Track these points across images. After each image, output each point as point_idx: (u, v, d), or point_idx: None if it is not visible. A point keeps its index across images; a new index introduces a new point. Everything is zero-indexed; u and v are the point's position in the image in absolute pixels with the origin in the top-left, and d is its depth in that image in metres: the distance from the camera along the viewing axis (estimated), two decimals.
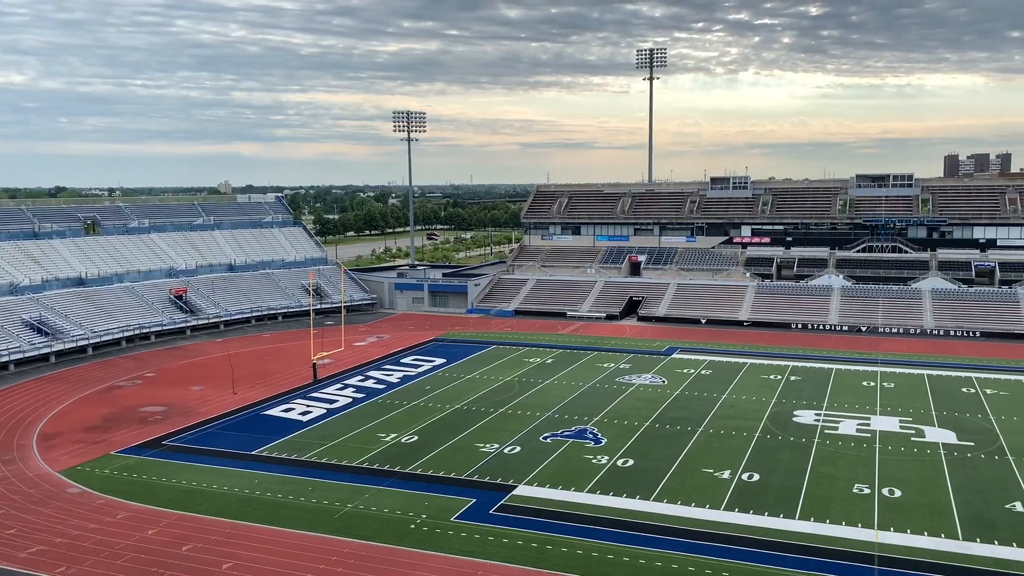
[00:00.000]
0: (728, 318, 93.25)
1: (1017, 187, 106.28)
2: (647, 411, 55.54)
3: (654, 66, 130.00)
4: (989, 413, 54.44)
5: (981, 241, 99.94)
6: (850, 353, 75.52)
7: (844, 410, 55.61)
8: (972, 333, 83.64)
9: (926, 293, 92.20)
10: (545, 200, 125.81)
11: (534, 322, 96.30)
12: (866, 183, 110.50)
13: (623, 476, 42.61)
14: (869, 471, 43.11)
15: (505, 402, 58.40)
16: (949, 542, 34.27)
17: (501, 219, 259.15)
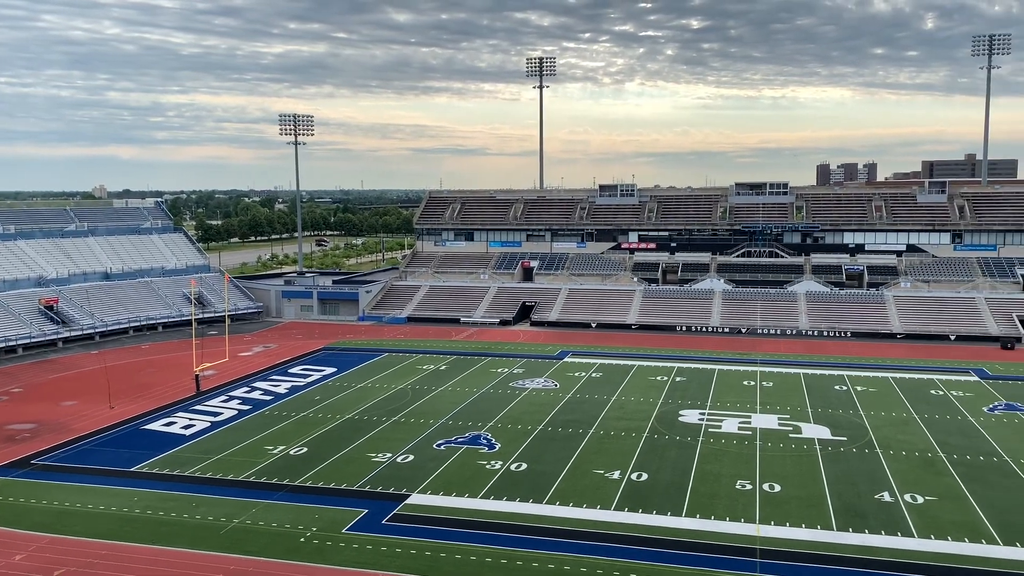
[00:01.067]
0: (617, 321, 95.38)
1: (882, 195, 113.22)
2: (540, 415, 56.11)
3: (544, 75, 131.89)
4: (859, 409, 57.65)
5: (851, 246, 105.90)
6: (731, 354, 78.53)
7: (727, 409, 57.74)
8: (843, 333, 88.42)
9: (801, 296, 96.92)
10: (438, 206, 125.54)
11: (427, 329, 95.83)
12: (745, 191, 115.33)
13: (517, 480, 42.88)
14: (751, 467, 44.88)
15: (398, 410, 57.82)
16: (825, 533, 36.05)
17: (393, 225, 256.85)
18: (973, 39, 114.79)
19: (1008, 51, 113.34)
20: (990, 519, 37.28)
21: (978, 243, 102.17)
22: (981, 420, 54.50)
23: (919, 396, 61.26)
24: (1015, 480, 42.70)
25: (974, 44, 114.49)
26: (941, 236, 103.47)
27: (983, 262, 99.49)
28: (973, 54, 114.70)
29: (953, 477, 43.17)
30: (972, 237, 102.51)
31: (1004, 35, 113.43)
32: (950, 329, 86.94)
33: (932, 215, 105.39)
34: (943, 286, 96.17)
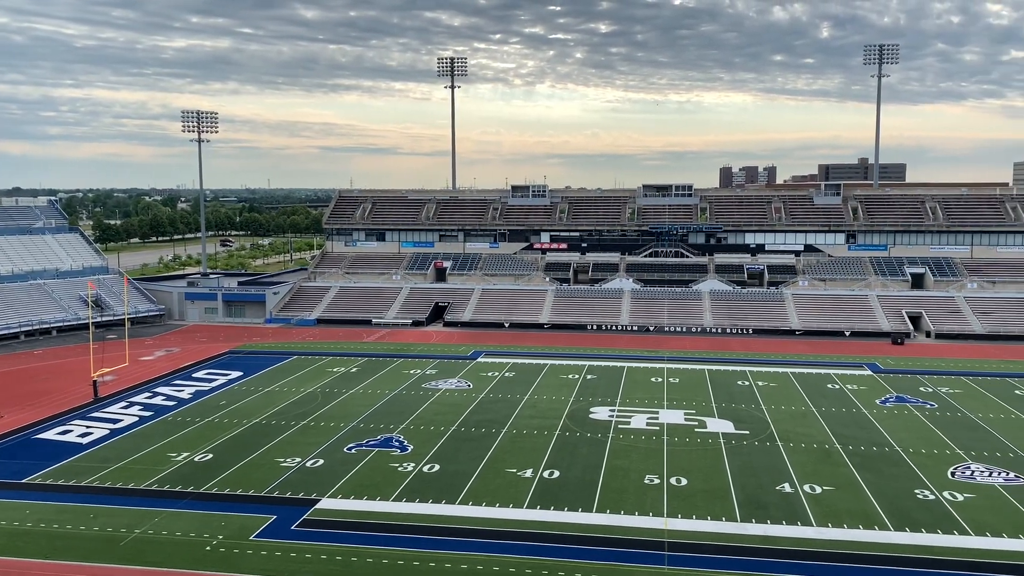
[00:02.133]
0: (530, 321, 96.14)
1: (781, 197, 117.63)
2: (453, 415, 56.07)
3: (455, 75, 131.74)
4: (761, 403, 59.75)
5: (752, 246, 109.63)
6: (640, 351, 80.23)
7: (635, 405, 58.96)
8: (745, 330, 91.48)
9: (705, 294, 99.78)
10: (348, 205, 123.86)
11: (338, 331, 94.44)
12: (652, 193, 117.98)
13: (429, 482, 42.75)
14: (658, 462, 45.97)
15: (307, 414, 56.80)
16: (729, 524, 37.24)
17: (302, 225, 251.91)
18: (865, 48, 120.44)
19: (896, 61, 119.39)
20: (882, 506, 39.22)
21: (870, 243, 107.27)
22: (874, 412, 57.27)
23: (816, 390, 63.93)
24: (904, 468, 45.03)
25: (866, 53, 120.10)
26: (836, 236, 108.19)
27: (875, 261, 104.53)
28: (865, 63, 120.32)
29: (848, 467, 45.21)
30: (865, 237, 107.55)
31: (893, 45, 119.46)
32: (845, 325, 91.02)
33: (828, 216, 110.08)
34: (838, 284, 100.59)
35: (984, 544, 34.86)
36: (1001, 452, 47.92)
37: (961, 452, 47.92)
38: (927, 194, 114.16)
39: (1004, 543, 34.98)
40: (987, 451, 48.10)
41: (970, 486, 42.11)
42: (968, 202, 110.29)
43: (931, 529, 36.43)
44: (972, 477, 43.53)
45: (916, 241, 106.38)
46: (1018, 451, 48.03)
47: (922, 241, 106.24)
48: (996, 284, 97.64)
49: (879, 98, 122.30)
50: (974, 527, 36.61)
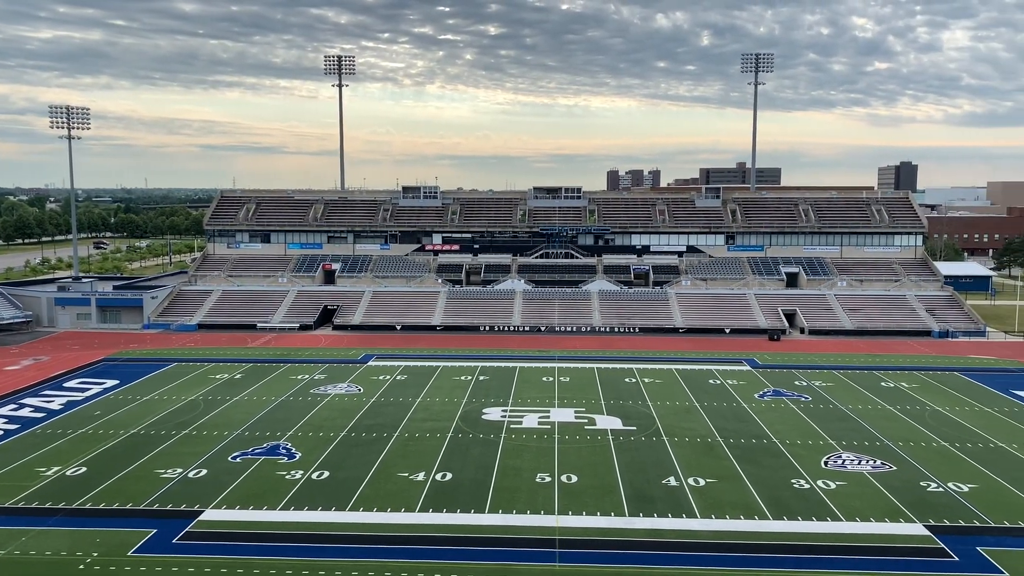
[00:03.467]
0: (422, 323, 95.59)
1: (665, 200, 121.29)
2: (343, 421, 55.10)
3: (343, 73, 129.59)
4: (647, 400, 61.37)
5: (638, 247, 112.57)
6: (532, 352, 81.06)
7: (527, 405, 59.49)
8: (632, 329, 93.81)
9: (594, 295, 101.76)
10: (231, 206, 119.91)
11: (221, 336, 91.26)
12: (542, 195, 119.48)
13: (318, 489, 41.84)
14: (550, 460, 46.52)
15: (189, 423, 54.62)
16: (618, 519, 38.05)
17: (181, 226, 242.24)
18: (742, 57, 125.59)
19: (771, 69, 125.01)
20: (761, 496, 40.94)
21: (748, 244, 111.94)
22: (752, 406, 59.75)
23: (699, 385, 66.18)
24: (781, 459, 47.16)
25: (743, 61, 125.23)
26: (716, 238, 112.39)
27: (752, 261, 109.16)
28: (742, 70, 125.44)
29: (730, 460, 46.98)
30: (743, 239, 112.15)
31: (768, 54, 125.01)
32: (725, 323, 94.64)
33: (708, 219, 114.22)
34: (719, 284, 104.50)
35: (854, 529, 36.89)
36: (869, 441, 50.84)
37: (833, 442, 50.56)
38: (800, 197, 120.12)
39: (872, 527, 37.12)
40: (856, 440, 50.94)
41: (841, 474, 44.48)
42: (838, 205, 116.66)
43: (806, 517, 38.27)
44: (843, 466, 46.01)
45: (790, 242, 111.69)
46: (884, 440, 51.08)
47: (796, 242, 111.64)
48: (863, 282, 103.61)
49: (755, 105, 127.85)
50: (845, 513, 38.68)
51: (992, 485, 42.74)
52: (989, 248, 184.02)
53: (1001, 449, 49.18)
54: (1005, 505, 39.80)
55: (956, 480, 43.42)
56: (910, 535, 36.23)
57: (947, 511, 38.95)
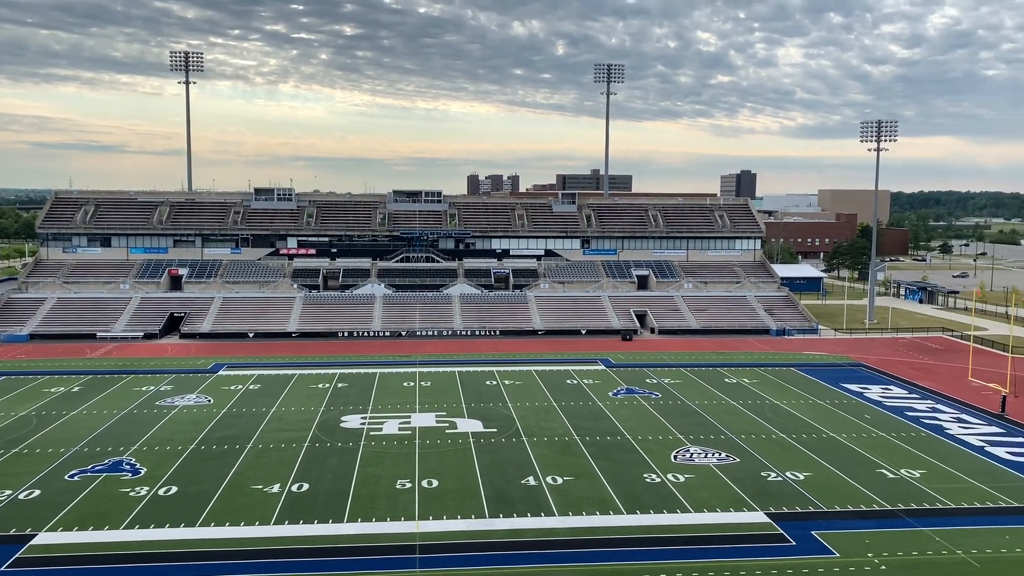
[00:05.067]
0: (277, 330, 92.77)
1: (524, 205, 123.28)
2: (192, 433, 52.66)
3: (190, 70, 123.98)
4: (508, 401, 62.13)
5: (498, 251, 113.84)
6: (392, 357, 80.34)
7: (388, 411, 58.91)
8: (493, 332, 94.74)
9: (455, 298, 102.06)
10: (67, 208, 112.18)
11: (55, 347, 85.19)
12: (402, 198, 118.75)
13: (166, 506, 39.78)
14: (410, 466, 46.24)
15: (19, 441, 50.63)
16: (479, 521, 38.28)
17: (10, 229, 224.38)
18: (595, 67, 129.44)
19: (622, 80, 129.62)
20: (616, 492, 42.29)
21: (602, 248, 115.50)
22: (607, 404, 61.66)
23: (557, 386, 67.66)
24: (635, 455, 48.91)
25: (596, 71, 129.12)
26: (573, 242, 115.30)
27: (606, 265, 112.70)
28: (595, 80, 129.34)
29: (586, 457, 48.27)
30: (597, 243, 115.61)
31: (619, 65, 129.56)
32: (581, 324, 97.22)
33: (565, 223, 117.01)
34: (575, 286, 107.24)
35: (702, 519, 38.75)
36: (714, 435, 53.55)
37: (682, 437, 52.92)
38: (650, 203, 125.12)
39: (718, 517, 39.10)
40: (703, 435, 53.55)
41: (689, 467, 46.63)
42: (684, 211, 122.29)
43: (658, 510, 39.86)
44: (691, 459, 48.24)
45: (641, 246, 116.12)
46: (728, 433, 53.94)
47: (646, 246, 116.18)
48: (708, 284, 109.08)
49: (607, 114, 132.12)
50: (693, 504, 40.57)
51: (825, 472, 45.98)
52: (820, 251, 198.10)
53: (832, 439, 52.99)
54: (836, 491, 42.90)
55: (793, 469, 46.42)
56: (752, 523, 38.42)
57: (785, 498, 41.57)
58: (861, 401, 63.51)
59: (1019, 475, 45.65)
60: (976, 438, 53.13)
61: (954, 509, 40.37)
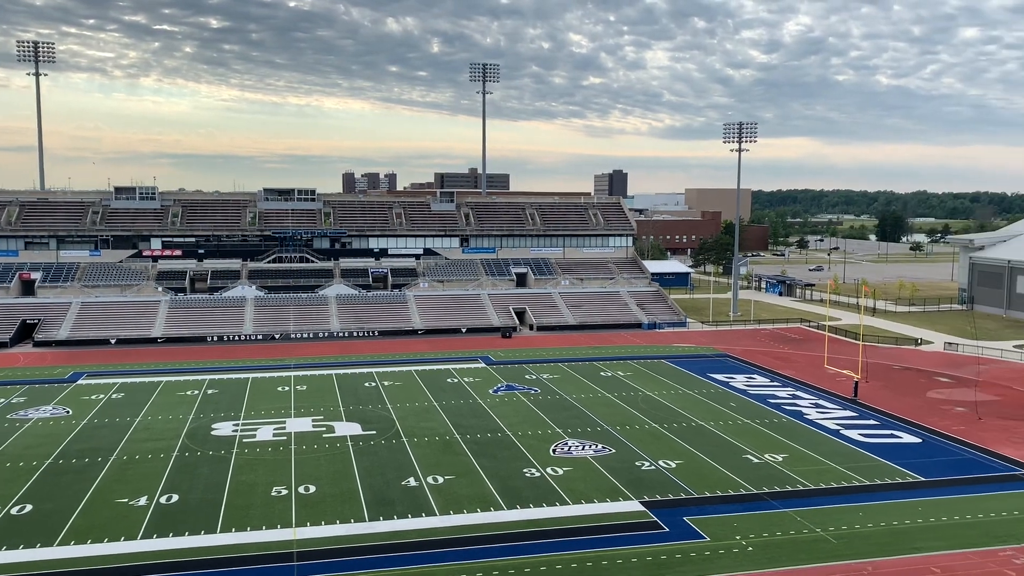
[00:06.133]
0: (141, 336, 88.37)
1: (402, 203, 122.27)
2: (48, 448, 49.46)
3: (40, 61, 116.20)
4: (387, 402, 61.53)
5: (376, 251, 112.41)
6: (266, 361, 78.05)
7: (261, 417, 57.20)
8: (372, 332, 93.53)
9: (332, 299, 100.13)
10: None
11: None
12: (274, 197, 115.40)
13: (19, 526, 37.21)
14: (286, 473, 45.08)
15: None
16: (358, 525, 37.75)
17: None
18: (470, 66, 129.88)
19: (498, 79, 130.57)
20: (496, 488, 42.64)
21: (481, 246, 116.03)
22: (487, 401, 62.06)
23: (438, 385, 67.54)
24: (515, 451, 49.44)
25: (471, 70, 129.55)
26: (452, 240, 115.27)
27: (485, 263, 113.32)
28: (471, 79, 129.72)
29: (467, 455, 48.43)
30: (476, 241, 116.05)
31: (494, 65, 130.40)
32: (462, 323, 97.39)
33: (444, 222, 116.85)
34: (455, 285, 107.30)
35: (580, 511, 39.60)
36: (591, 427, 54.83)
37: (560, 431, 53.91)
38: (527, 202, 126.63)
39: (595, 507, 40.07)
40: (580, 428, 54.73)
41: (568, 460, 47.56)
42: (560, 209, 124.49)
43: (537, 504, 40.46)
44: (569, 452, 49.22)
45: (519, 244, 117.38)
46: (604, 425, 55.34)
47: (524, 244, 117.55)
48: (584, 281, 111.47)
49: (484, 113, 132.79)
50: (572, 496, 41.41)
51: (695, 460, 47.89)
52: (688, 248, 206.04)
53: (701, 427, 55.26)
54: (706, 477, 44.78)
55: (665, 458, 48.13)
56: (628, 512, 39.59)
57: (658, 487, 43.05)
58: (727, 390, 66.51)
59: (870, 455, 49.00)
60: (832, 422, 56.65)
61: (813, 490, 42.91)
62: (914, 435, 53.60)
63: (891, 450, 50.00)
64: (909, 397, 64.49)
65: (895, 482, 44.21)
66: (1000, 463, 47.85)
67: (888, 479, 44.64)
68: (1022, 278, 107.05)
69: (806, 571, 33.23)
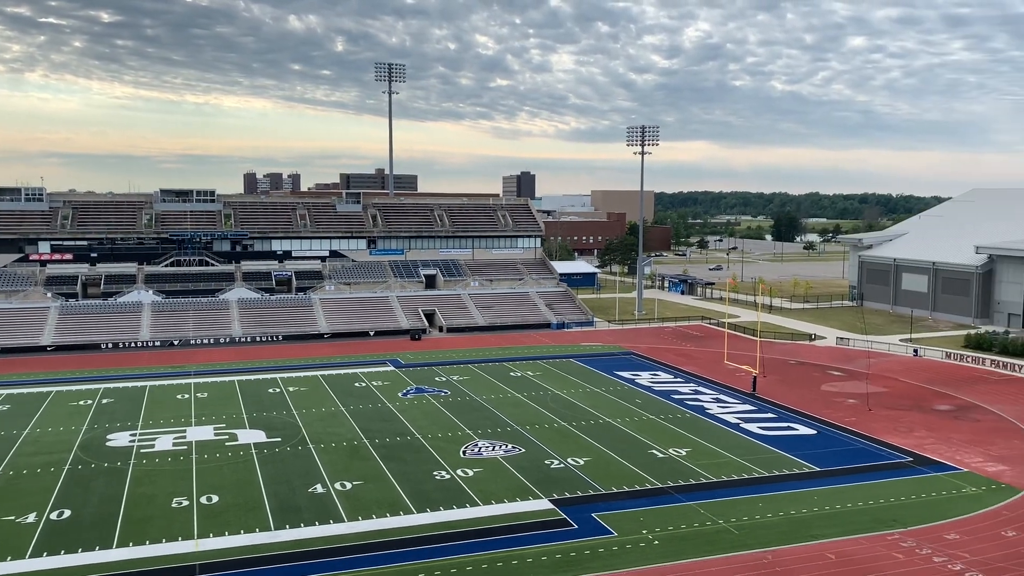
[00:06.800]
0: (28, 344, 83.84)
1: (306, 204, 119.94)
2: None
3: None
4: (293, 408, 60.24)
5: (279, 253, 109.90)
6: (164, 368, 75.28)
7: (160, 426, 55.15)
8: (276, 337, 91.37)
9: (233, 303, 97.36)
10: None
11: None
12: (171, 198, 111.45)
13: None
14: (187, 483, 43.60)
15: None
16: (263, 534, 36.82)
17: None
18: (376, 65, 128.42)
19: (404, 79, 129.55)
20: (406, 492, 42.32)
21: (389, 248, 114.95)
22: (397, 404, 61.52)
23: (345, 389, 66.55)
24: (424, 454, 49.17)
25: (377, 70, 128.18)
26: (359, 242, 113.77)
27: (394, 265, 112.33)
28: (377, 79, 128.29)
29: (376, 460, 47.89)
30: (384, 243, 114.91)
31: (400, 65, 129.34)
32: (370, 326, 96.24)
33: (350, 223, 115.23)
34: (362, 287, 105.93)
35: (490, 511, 39.71)
36: (501, 428, 55.05)
37: (470, 432, 53.92)
38: (436, 203, 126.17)
39: (505, 507, 40.25)
40: (490, 428, 54.87)
41: (478, 461, 47.61)
42: (469, 211, 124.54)
43: (448, 506, 40.35)
44: (479, 453, 49.29)
45: (428, 245, 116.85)
46: (514, 425, 55.64)
47: (433, 245, 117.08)
48: (493, 281, 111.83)
49: (390, 113, 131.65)
50: (482, 497, 41.47)
51: (602, 456, 48.69)
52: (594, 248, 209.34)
53: (608, 424, 56.22)
54: (614, 473, 45.57)
55: (574, 455, 48.75)
56: (537, 510, 39.92)
57: (567, 484, 43.57)
58: (633, 387, 67.89)
59: (768, 447, 50.87)
60: (733, 416, 58.55)
61: (716, 482, 44.24)
62: (809, 427, 55.93)
63: (788, 442, 52.03)
64: (804, 390, 67.24)
65: (792, 473, 46.02)
66: (888, 451, 50.43)
67: (786, 470, 46.43)
68: (907, 275, 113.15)
69: (709, 562, 34.22)
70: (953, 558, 34.43)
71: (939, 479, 45.07)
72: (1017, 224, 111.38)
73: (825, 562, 34.20)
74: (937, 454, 49.63)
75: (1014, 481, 44.61)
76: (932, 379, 71.13)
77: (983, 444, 51.86)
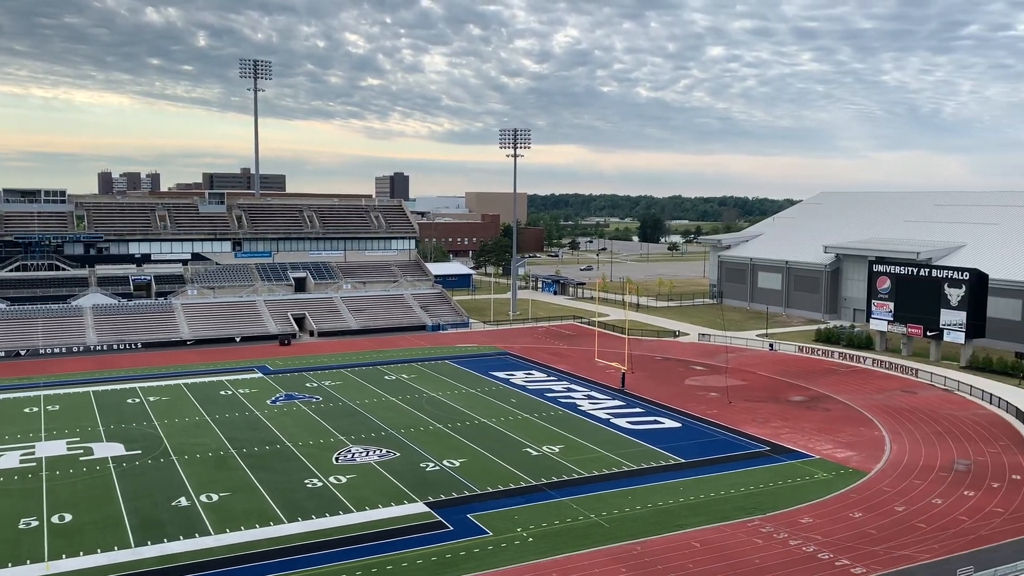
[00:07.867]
0: None
1: (166, 205, 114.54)
2: None
3: None
4: (154, 419, 57.43)
5: (137, 256, 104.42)
6: (10, 380, 70.15)
7: (5, 443, 51.39)
8: (134, 345, 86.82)
9: (87, 310, 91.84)
10: None
11: None
12: (16, 198, 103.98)
13: None
14: (37, 502, 40.84)
15: None
16: (123, 552, 34.95)
17: None
18: (240, 62, 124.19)
19: (270, 77, 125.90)
20: (276, 502, 41.16)
21: (256, 251, 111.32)
22: (265, 412, 59.71)
23: (210, 398, 64.01)
24: (295, 462, 47.96)
25: (242, 66, 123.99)
26: (223, 244, 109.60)
27: (261, 268, 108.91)
28: (242, 76, 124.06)
29: (244, 470, 46.32)
30: (250, 245, 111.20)
31: (266, 62, 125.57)
32: (236, 331, 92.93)
33: (214, 225, 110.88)
34: (227, 292, 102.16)
35: (365, 518, 39.20)
36: (376, 432, 54.41)
37: (344, 438, 53.02)
38: (305, 204, 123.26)
39: (380, 513, 39.83)
40: (364, 433, 54.13)
41: (352, 467, 46.89)
42: (340, 212, 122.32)
43: (320, 514, 39.53)
44: (353, 459, 48.54)
45: (297, 247, 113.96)
46: (388, 429, 55.11)
47: (303, 247, 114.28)
48: (366, 284, 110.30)
49: (256, 111, 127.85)
50: (356, 504, 40.87)
51: (478, 457, 48.96)
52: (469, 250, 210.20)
53: (484, 424, 56.59)
54: (488, 473, 45.91)
55: (449, 457, 48.79)
56: (412, 514, 39.71)
57: (443, 486, 43.56)
58: (507, 387, 68.61)
59: (637, 441, 52.57)
60: (603, 412, 60.16)
61: (588, 478, 45.33)
62: (675, 420, 58.18)
63: (655, 435, 53.95)
64: (669, 385, 69.89)
65: (659, 465, 47.75)
66: (747, 441, 53.13)
67: (653, 463, 48.13)
68: (763, 274, 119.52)
69: (582, 556, 35.04)
70: (807, 540, 36.65)
71: (794, 466, 47.86)
72: (861, 225, 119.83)
73: (691, 550, 35.67)
74: (791, 443, 52.69)
75: (860, 465, 47.93)
76: (786, 371, 75.45)
77: (832, 432, 55.45)
